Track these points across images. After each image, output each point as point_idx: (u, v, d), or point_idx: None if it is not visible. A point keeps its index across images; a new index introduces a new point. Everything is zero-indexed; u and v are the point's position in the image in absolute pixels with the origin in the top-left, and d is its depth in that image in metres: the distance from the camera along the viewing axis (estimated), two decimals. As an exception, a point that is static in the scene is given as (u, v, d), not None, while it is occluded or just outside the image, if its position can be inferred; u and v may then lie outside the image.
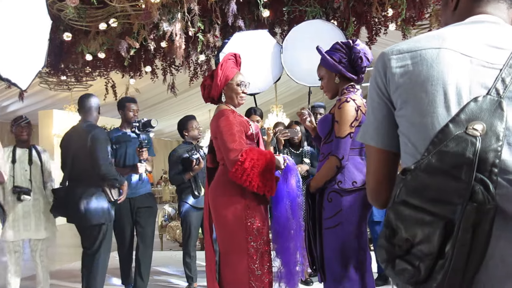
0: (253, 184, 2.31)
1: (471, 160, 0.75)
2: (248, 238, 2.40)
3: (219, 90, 2.58)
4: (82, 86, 7.18)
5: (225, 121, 2.45)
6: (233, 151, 2.35)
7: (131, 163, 3.76)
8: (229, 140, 2.39)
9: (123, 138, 3.84)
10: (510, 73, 0.83)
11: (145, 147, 3.63)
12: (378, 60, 0.97)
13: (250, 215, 2.41)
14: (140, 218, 3.79)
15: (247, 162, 2.30)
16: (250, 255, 2.39)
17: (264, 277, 2.41)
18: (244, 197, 2.41)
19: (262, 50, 4.26)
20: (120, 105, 3.95)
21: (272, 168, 2.37)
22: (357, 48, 2.33)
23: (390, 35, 5.15)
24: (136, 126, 3.62)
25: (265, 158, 2.36)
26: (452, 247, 0.74)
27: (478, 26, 0.92)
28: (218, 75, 2.55)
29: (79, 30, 4.76)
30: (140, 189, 3.84)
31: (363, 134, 1.01)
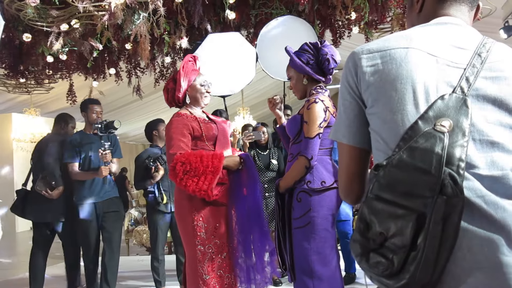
0: (188, 188, 2.28)
1: (440, 155, 0.78)
2: (195, 241, 2.39)
3: (183, 93, 2.57)
4: (43, 89, 6.96)
5: (168, 126, 2.48)
6: (169, 155, 2.37)
7: (96, 166, 3.66)
8: (168, 145, 2.42)
9: (87, 141, 3.73)
10: (473, 72, 0.88)
11: (108, 149, 3.54)
12: (349, 60, 0.99)
13: (197, 219, 2.39)
14: (106, 223, 3.70)
15: (178, 166, 2.29)
16: (198, 258, 2.38)
17: (215, 281, 2.38)
18: (192, 200, 2.39)
19: (234, 52, 4.26)
20: (83, 107, 3.84)
21: (212, 170, 2.30)
22: (325, 50, 2.37)
23: (353, 38, 5.27)
24: (98, 128, 3.53)
25: (201, 161, 2.30)
26: (424, 239, 0.76)
27: (442, 28, 0.97)
28: (180, 78, 2.54)
29: (40, 31, 4.61)
30: (106, 193, 3.75)
31: (335, 132, 1.04)
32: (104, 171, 3.56)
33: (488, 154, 0.84)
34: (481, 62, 0.89)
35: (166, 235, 4.07)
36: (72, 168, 3.70)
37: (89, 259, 3.77)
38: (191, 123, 2.48)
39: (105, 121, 3.58)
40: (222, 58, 4.21)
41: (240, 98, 9.61)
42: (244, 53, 4.28)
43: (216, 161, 2.34)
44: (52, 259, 6.23)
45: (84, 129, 3.85)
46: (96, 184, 3.70)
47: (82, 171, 3.70)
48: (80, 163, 3.70)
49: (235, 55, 4.26)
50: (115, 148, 3.77)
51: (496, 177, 0.82)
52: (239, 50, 4.27)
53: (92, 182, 3.68)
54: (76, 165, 3.70)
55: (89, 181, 3.68)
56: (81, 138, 3.76)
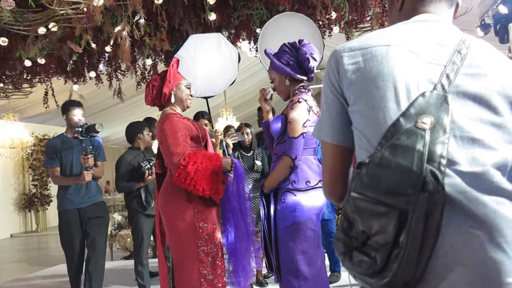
0: (198, 187, 2.26)
1: (421, 152, 0.79)
2: (198, 242, 2.36)
3: (170, 90, 2.54)
4: (21, 94, 6.83)
5: (169, 125, 2.41)
6: (176, 154, 2.31)
7: (78, 171, 3.55)
8: (172, 144, 2.35)
9: (68, 145, 3.61)
10: (454, 69, 0.88)
11: (90, 153, 3.42)
12: (331, 58, 0.99)
13: (199, 219, 2.38)
14: (90, 229, 3.59)
15: (190, 166, 2.25)
16: (201, 259, 2.36)
17: (217, 281, 2.38)
18: (192, 202, 2.38)
19: (216, 53, 4.25)
20: (64, 109, 3.67)
21: (218, 170, 2.33)
22: (303, 49, 2.37)
23: (334, 38, 5.31)
24: (79, 132, 3.39)
25: (210, 160, 2.32)
26: (406, 237, 0.76)
27: (422, 25, 0.97)
28: (168, 77, 2.52)
29: (16, 35, 4.52)
30: (90, 198, 3.64)
31: (318, 130, 1.03)
32: (87, 176, 3.44)
33: (469, 150, 0.84)
34: (461, 59, 0.89)
35: (149, 238, 4.02)
36: (53, 173, 3.60)
37: (72, 266, 3.65)
38: (188, 123, 2.48)
39: (86, 125, 3.44)
40: (204, 59, 4.20)
41: (223, 99, 9.59)
42: (226, 54, 4.27)
43: (219, 161, 2.37)
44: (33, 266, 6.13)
45: (66, 132, 3.70)
46: (80, 189, 3.59)
47: (63, 177, 3.59)
48: (61, 168, 3.59)
49: (218, 56, 4.25)
50: (98, 151, 3.65)
51: (477, 173, 0.82)
52: (221, 51, 4.26)
53: (75, 187, 3.57)
54: (57, 169, 3.58)
55: (72, 186, 3.57)
56: (61, 142, 3.62)
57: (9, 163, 10.07)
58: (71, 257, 3.61)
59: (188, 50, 4.14)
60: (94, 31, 4.45)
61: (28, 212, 10.50)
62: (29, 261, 6.89)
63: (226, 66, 4.26)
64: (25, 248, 8.49)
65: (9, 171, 10.13)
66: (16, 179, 10.36)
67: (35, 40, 4.50)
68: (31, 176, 10.49)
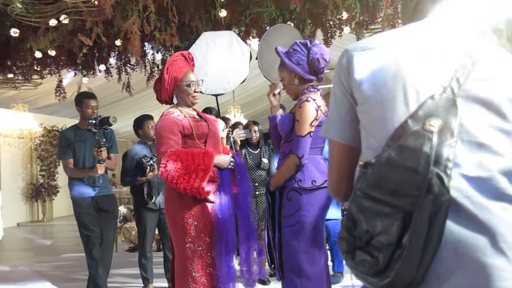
0: (179, 186, 2.27)
1: (428, 155, 0.78)
2: (185, 239, 2.37)
3: (170, 93, 2.56)
4: (31, 85, 6.88)
5: (159, 124, 2.45)
6: (160, 154, 2.35)
7: (91, 164, 3.54)
8: (159, 143, 2.40)
9: (81, 137, 3.60)
10: (464, 73, 0.87)
11: (103, 146, 3.40)
12: (342, 57, 0.99)
13: (188, 216, 2.38)
14: (100, 222, 3.62)
15: (169, 165, 2.28)
16: (188, 256, 2.37)
17: (205, 280, 2.37)
18: (183, 198, 2.38)
19: (228, 51, 4.25)
20: (78, 101, 3.66)
21: (204, 168, 2.29)
22: (314, 49, 2.36)
23: (344, 38, 5.29)
24: (92, 124, 3.37)
25: (192, 159, 2.30)
26: (410, 238, 0.76)
27: (435, 26, 0.97)
28: (165, 79, 2.52)
29: (28, 26, 4.55)
30: (102, 189, 3.64)
31: (326, 129, 1.04)
32: (100, 169, 3.44)
33: (476, 155, 0.84)
34: (472, 63, 0.88)
35: (154, 232, 4.05)
36: (66, 164, 3.59)
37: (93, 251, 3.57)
38: (181, 121, 2.45)
39: (100, 117, 3.42)
40: (216, 56, 4.20)
41: (231, 96, 9.60)
42: (238, 52, 4.26)
43: (207, 159, 2.32)
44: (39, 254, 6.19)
45: (79, 124, 3.69)
46: (92, 180, 3.59)
47: (76, 169, 3.57)
48: (75, 161, 3.58)
49: (229, 54, 4.25)
50: (111, 143, 3.64)
51: (483, 178, 0.82)
52: (233, 49, 4.26)
53: (88, 178, 3.57)
54: (71, 161, 3.57)
55: (85, 177, 3.57)
56: (75, 134, 3.61)
57: (17, 153, 10.16)
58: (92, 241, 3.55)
59: (200, 47, 4.15)
60: (105, 24, 4.47)
61: (35, 201, 10.59)
62: (35, 250, 6.96)
63: (238, 64, 4.26)
64: (32, 237, 8.57)
65: (18, 161, 10.22)
66: (24, 169, 10.45)
67: (46, 32, 4.53)
68: (39, 167, 10.58)
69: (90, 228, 3.56)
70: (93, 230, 3.56)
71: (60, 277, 4.85)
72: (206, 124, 2.56)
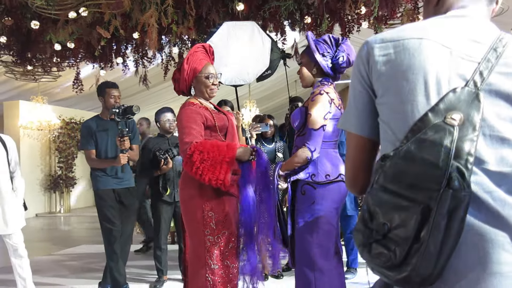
0: (204, 177, 2.27)
1: (448, 148, 0.77)
2: (205, 231, 2.38)
3: (188, 84, 2.57)
4: (50, 77, 6.97)
5: (182, 114, 2.44)
6: (184, 144, 2.34)
7: (114, 154, 3.52)
8: (182, 133, 2.39)
9: (103, 127, 3.58)
10: (488, 67, 0.86)
11: (126, 136, 3.37)
12: (362, 49, 0.98)
13: (208, 208, 2.38)
14: (121, 215, 3.63)
15: (195, 155, 2.27)
16: (207, 248, 2.37)
17: (223, 272, 2.38)
18: (202, 190, 2.38)
19: (249, 41, 4.21)
20: (100, 91, 3.65)
21: (228, 160, 2.30)
22: (343, 47, 2.35)
23: (363, 33, 5.22)
24: (116, 113, 3.33)
25: (219, 150, 2.30)
26: (428, 232, 0.75)
27: (458, 20, 0.95)
28: (184, 69, 2.52)
29: (47, 19, 4.61)
30: (124, 181, 3.64)
31: (344, 121, 1.02)
32: (122, 159, 3.41)
33: (498, 150, 0.82)
34: (496, 57, 0.87)
35: (169, 225, 4.08)
36: (88, 155, 3.58)
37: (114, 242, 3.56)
38: (204, 112, 2.46)
39: (123, 106, 3.40)
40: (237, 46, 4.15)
41: (247, 90, 9.59)
42: (259, 42, 4.22)
43: (231, 151, 2.33)
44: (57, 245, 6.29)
45: (101, 115, 3.68)
46: (115, 171, 3.59)
47: (99, 159, 3.56)
48: (97, 151, 3.57)
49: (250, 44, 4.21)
50: (133, 134, 3.62)
51: (504, 174, 0.80)
52: (254, 40, 4.22)
53: (111, 169, 3.57)
54: (93, 152, 3.56)
55: (108, 167, 3.56)
56: (97, 124, 3.60)
57: (36, 145, 10.32)
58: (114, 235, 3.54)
59: (221, 37, 4.12)
60: (123, 17, 4.50)
61: (53, 193, 10.76)
62: (53, 240, 7.07)
63: (258, 55, 4.22)
64: (49, 228, 8.71)
65: (36, 152, 10.38)
66: (42, 161, 10.61)
67: (65, 24, 4.58)
68: (57, 158, 10.74)
69: (112, 221, 3.54)
70: (115, 224, 3.55)
71: (77, 267, 4.93)
72: (226, 117, 2.58)
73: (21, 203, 3.46)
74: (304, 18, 4.91)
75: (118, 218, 3.58)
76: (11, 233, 3.32)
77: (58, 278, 4.39)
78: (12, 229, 3.32)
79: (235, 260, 2.45)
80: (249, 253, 2.46)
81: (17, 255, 3.34)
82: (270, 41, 4.29)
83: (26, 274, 3.39)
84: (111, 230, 3.53)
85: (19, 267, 3.36)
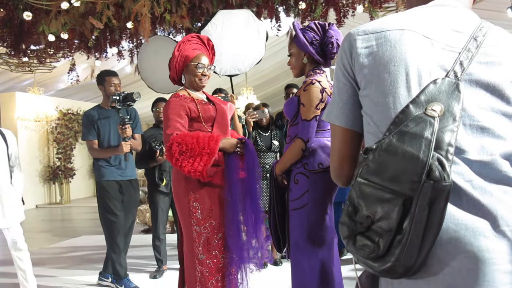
0: (183, 168, 2.28)
1: (429, 140, 0.78)
2: (191, 221, 2.40)
3: (178, 72, 2.55)
4: (45, 68, 6.95)
5: (166, 106, 2.45)
6: (166, 135, 2.36)
7: (116, 143, 3.50)
8: (165, 125, 2.41)
9: (105, 115, 3.55)
10: (468, 56, 0.86)
11: (127, 123, 3.34)
12: (345, 41, 0.98)
13: (193, 199, 2.39)
14: (123, 207, 3.63)
15: (173, 147, 2.28)
16: (194, 238, 2.40)
17: (210, 262, 2.38)
18: (188, 181, 2.39)
19: (244, 30, 4.17)
20: (100, 79, 3.60)
21: (208, 151, 2.29)
22: (331, 32, 2.32)
23: (358, 18, 5.19)
24: (116, 100, 3.29)
25: (197, 142, 2.30)
26: (410, 223, 0.76)
27: (440, 10, 0.95)
28: (175, 56, 2.51)
29: (40, 9, 4.58)
30: (127, 172, 3.62)
31: (328, 113, 1.03)
32: (125, 147, 3.39)
33: (478, 139, 0.83)
34: (476, 46, 0.87)
35: (167, 214, 4.11)
36: (91, 145, 3.56)
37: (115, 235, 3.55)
38: (188, 104, 2.45)
39: (124, 93, 3.36)
40: (231, 36, 4.11)
41: (243, 78, 9.57)
42: (254, 31, 4.19)
43: (213, 143, 2.32)
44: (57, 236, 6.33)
45: (102, 104, 3.65)
46: (118, 161, 3.56)
47: (101, 149, 3.54)
48: (99, 141, 3.55)
49: (245, 33, 4.17)
50: (135, 123, 3.59)
51: (485, 162, 0.81)
52: (249, 29, 4.18)
53: (114, 158, 3.54)
54: (95, 142, 3.54)
55: (112, 157, 3.53)
56: (98, 113, 3.57)
57: (34, 136, 10.32)
58: (116, 227, 3.54)
59: (216, 26, 4.08)
60: (116, 7, 4.47)
61: (53, 184, 10.80)
62: (53, 231, 7.12)
63: (253, 44, 4.18)
64: (49, 219, 8.76)
65: (34, 144, 10.39)
66: (41, 152, 10.62)
67: (58, 15, 4.54)
68: (55, 149, 10.75)
69: (115, 213, 3.52)
70: (118, 216, 3.54)
71: (77, 258, 4.97)
72: (214, 108, 2.55)
73: (20, 197, 3.46)
74: (298, 4, 4.87)
75: (120, 210, 3.57)
76: (10, 227, 3.33)
77: (59, 270, 4.43)
78: (11, 222, 3.33)
79: (224, 250, 2.44)
80: (238, 243, 2.44)
81: (16, 248, 3.36)
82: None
83: (26, 266, 3.41)
84: (113, 222, 3.53)
85: (18, 259, 3.38)
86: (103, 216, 3.57)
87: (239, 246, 2.42)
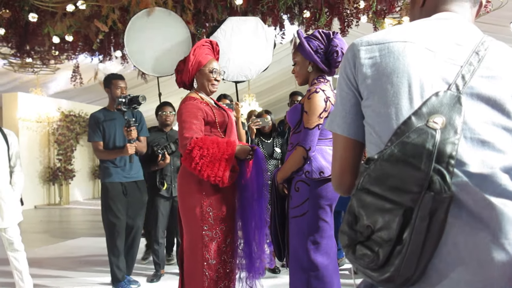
0: (202, 173, 2.27)
1: (430, 152, 0.78)
2: (203, 226, 2.38)
3: (191, 75, 2.56)
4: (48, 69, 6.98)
5: (183, 109, 2.44)
6: (184, 138, 2.34)
7: (121, 144, 3.52)
8: (182, 127, 2.39)
9: (110, 117, 3.59)
10: (470, 70, 0.87)
11: (132, 126, 3.38)
12: (348, 51, 0.99)
13: (206, 204, 2.39)
14: (130, 210, 3.64)
15: (195, 151, 2.27)
16: (205, 243, 2.38)
17: (220, 267, 2.39)
18: (201, 185, 2.38)
19: (253, 37, 4.21)
20: (107, 82, 3.66)
21: (227, 158, 2.30)
22: (336, 41, 2.33)
23: (361, 27, 5.22)
24: (122, 102, 3.34)
25: (218, 147, 2.31)
26: (410, 234, 0.77)
27: (443, 23, 0.96)
28: (190, 60, 2.52)
29: (45, 11, 4.61)
30: (132, 174, 3.63)
31: (330, 122, 1.04)
32: (130, 149, 3.41)
33: (479, 152, 0.84)
34: (478, 60, 0.88)
35: (167, 219, 4.10)
36: (96, 147, 3.59)
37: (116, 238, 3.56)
38: (205, 107, 2.46)
39: (129, 96, 3.40)
40: (240, 42, 4.15)
41: (246, 84, 9.59)
42: (263, 38, 4.22)
43: (230, 148, 2.33)
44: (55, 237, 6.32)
45: (108, 107, 3.70)
46: (124, 163, 3.58)
47: (106, 150, 3.57)
48: (105, 142, 3.58)
49: (253, 40, 4.21)
50: (140, 126, 3.63)
51: (485, 175, 0.82)
52: (257, 36, 4.21)
53: (120, 160, 3.57)
54: (101, 144, 3.57)
55: (117, 159, 3.56)
56: (104, 116, 3.61)
57: (35, 137, 10.33)
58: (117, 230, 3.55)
59: (225, 32, 4.11)
60: (121, 10, 4.50)
61: (52, 185, 10.79)
62: (51, 232, 7.11)
63: (261, 51, 4.21)
64: (48, 220, 8.75)
65: (35, 144, 10.39)
66: (41, 153, 10.63)
67: (63, 17, 4.57)
68: (56, 151, 10.76)
69: (117, 216, 3.53)
70: (120, 218, 3.55)
71: (75, 259, 4.95)
72: (226, 113, 2.58)
73: (18, 197, 3.46)
74: (302, 12, 4.91)
75: (123, 213, 3.57)
76: (7, 227, 3.33)
77: (56, 271, 4.42)
78: (8, 223, 3.32)
79: (233, 256, 2.46)
80: (246, 248, 2.47)
81: (12, 248, 3.35)
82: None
83: (23, 267, 3.41)
84: (115, 224, 3.54)
85: (15, 260, 3.38)
86: (105, 218, 3.59)
87: (249, 252, 2.43)
